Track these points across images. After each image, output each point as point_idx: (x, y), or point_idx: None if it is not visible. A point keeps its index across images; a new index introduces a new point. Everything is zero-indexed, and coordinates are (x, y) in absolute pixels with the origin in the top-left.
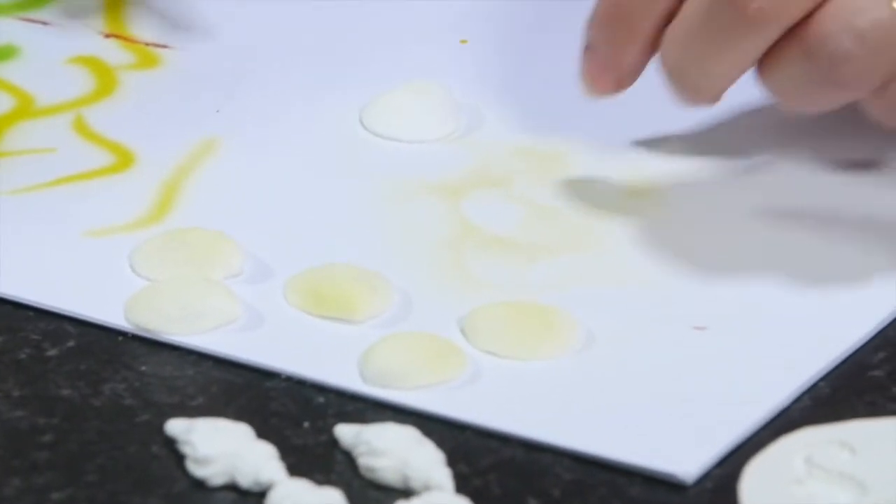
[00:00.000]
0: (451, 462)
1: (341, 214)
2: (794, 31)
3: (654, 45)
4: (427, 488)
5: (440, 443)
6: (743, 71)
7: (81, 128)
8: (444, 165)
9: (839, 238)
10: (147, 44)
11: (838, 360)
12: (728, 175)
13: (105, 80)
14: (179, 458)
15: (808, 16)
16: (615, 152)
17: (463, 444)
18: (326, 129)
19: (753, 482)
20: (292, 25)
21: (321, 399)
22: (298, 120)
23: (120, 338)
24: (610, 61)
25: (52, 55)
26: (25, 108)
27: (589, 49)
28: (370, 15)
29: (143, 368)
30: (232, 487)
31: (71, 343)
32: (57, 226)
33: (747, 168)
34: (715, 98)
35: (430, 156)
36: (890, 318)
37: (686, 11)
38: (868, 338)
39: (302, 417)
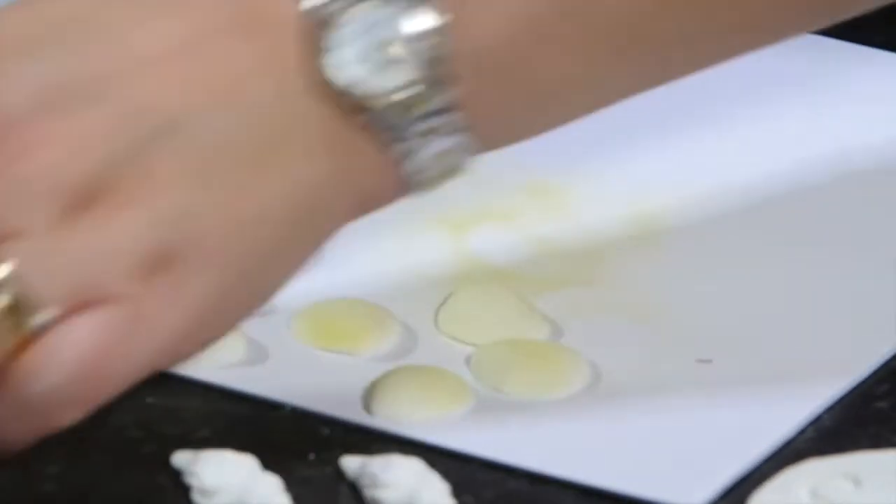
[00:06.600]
0: (457, 494)
1: (345, 248)
2: None
3: None
4: None
5: (445, 475)
6: None
7: None
8: (449, 200)
9: (843, 270)
10: None
11: (843, 392)
12: (731, 208)
13: None
14: (185, 490)
15: None
16: (618, 186)
17: (468, 475)
18: None
19: None
20: None
21: (327, 431)
22: None
23: None
24: None
25: None
26: None
27: None
28: None
29: (149, 400)
30: None
31: None
32: None
33: (751, 201)
34: None
35: (435, 190)
36: (894, 350)
37: None
38: (872, 370)
39: (307, 449)
